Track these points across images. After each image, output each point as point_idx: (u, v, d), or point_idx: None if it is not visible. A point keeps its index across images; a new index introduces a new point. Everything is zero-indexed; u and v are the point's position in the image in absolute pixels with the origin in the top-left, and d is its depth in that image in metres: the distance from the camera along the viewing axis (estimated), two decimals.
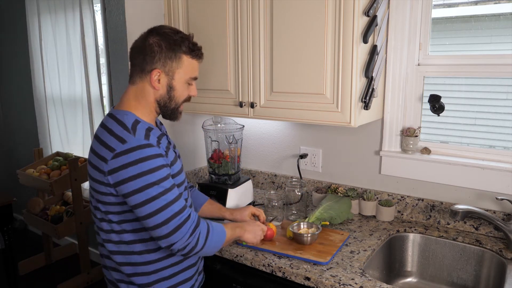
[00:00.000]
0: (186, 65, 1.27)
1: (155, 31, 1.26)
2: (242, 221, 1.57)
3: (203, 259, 1.50)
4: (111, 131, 1.19)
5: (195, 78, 1.32)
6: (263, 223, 1.60)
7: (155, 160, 1.16)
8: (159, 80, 1.25)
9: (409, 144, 1.76)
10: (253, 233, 1.46)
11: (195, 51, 1.28)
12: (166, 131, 1.44)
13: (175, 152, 1.36)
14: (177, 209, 1.18)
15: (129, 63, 1.30)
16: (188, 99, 1.34)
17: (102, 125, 1.24)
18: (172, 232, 1.17)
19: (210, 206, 1.64)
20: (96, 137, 1.23)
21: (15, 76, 3.73)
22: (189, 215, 1.21)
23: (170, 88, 1.27)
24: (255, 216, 1.62)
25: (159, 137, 1.25)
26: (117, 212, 1.22)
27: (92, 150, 1.24)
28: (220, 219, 1.63)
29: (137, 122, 1.22)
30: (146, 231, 1.24)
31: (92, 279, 2.93)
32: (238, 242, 1.58)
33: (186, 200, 1.34)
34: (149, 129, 1.23)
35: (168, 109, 1.30)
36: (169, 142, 1.34)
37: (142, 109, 1.27)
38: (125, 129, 1.18)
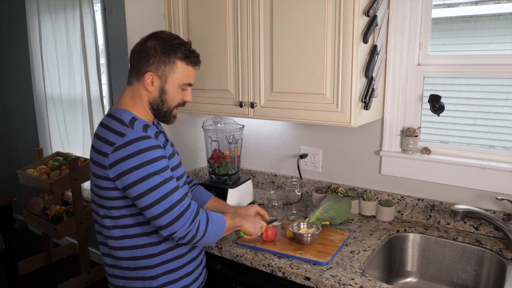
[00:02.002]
0: (180, 71, 1.29)
1: (154, 35, 1.30)
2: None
3: (205, 254, 1.50)
4: (110, 128, 1.23)
5: (190, 84, 1.34)
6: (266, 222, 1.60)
7: (155, 151, 1.19)
8: (152, 82, 1.28)
9: (409, 144, 1.76)
10: (253, 223, 1.47)
11: (191, 58, 1.30)
12: (163, 130, 1.45)
13: (173, 149, 1.39)
14: (178, 198, 1.20)
15: (129, 64, 1.34)
16: (182, 104, 1.36)
17: (101, 124, 1.27)
18: (174, 221, 1.19)
19: (214, 204, 1.64)
20: (96, 135, 1.26)
21: (15, 76, 3.73)
22: (189, 204, 1.23)
23: (162, 91, 1.29)
24: (260, 215, 1.62)
25: (156, 134, 1.28)
26: (120, 206, 1.24)
27: (93, 147, 1.27)
28: None
29: (134, 119, 1.26)
30: (149, 223, 1.26)
31: (92, 279, 2.93)
32: (238, 242, 1.58)
33: (186, 194, 1.34)
34: (146, 125, 1.26)
35: (161, 112, 1.33)
36: (167, 140, 1.36)
37: (138, 108, 1.31)
38: (124, 124, 1.22)
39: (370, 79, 1.58)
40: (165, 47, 1.26)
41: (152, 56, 1.26)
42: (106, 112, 2.88)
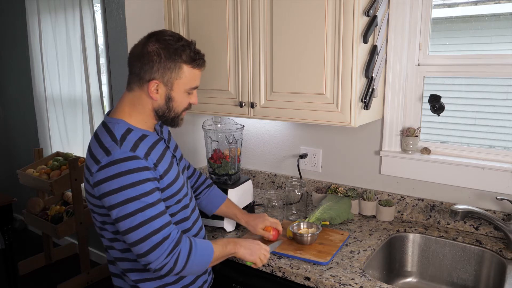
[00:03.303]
0: (187, 75, 1.21)
1: (155, 37, 1.19)
2: (252, 233, 1.55)
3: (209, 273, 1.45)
4: (100, 141, 1.16)
5: (196, 87, 1.27)
6: (277, 234, 1.54)
7: (138, 173, 1.11)
8: (157, 90, 1.19)
9: (409, 144, 1.76)
10: (250, 250, 1.33)
11: (197, 60, 1.22)
12: (169, 133, 1.41)
13: (175, 156, 1.33)
14: (157, 226, 1.12)
15: (128, 68, 1.24)
16: (188, 107, 1.28)
17: (95, 134, 1.21)
18: (150, 251, 1.11)
19: (225, 210, 1.59)
20: (89, 148, 1.20)
21: (15, 76, 3.73)
22: (169, 234, 1.14)
23: (168, 99, 1.21)
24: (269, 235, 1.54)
25: (153, 145, 1.21)
26: (112, 222, 1.20)
27: (85, 162, 1.21)
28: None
29: (128, 131, 1.18)
30: None
31: (92, 279, 2.93)
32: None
33: (186, 206, 1.31)
34: (141, 138, 1.18)
35: (168, 118, 1.25)
36: (168, 147, 1.31)
37: (137, 116, 1.22)
38: (113, 140, 1.14)
39: (370, 79, 1.58)
40: (169, 51, 1.17)
41: (156, 62, 1.16)
42: (106, 112, 2.89)
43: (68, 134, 3.24)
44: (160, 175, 1.19)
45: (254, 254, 1.33)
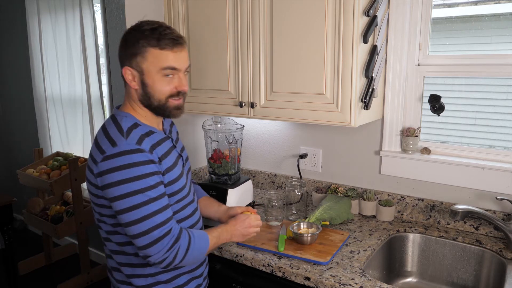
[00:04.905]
0: (154, 57, 1.16)
1: (130, 27, 1.20)
2: (233, 218, 1.43)
3: (207, 265, 1.45)
4: (106, 132, 1.17)
5: (173, 68, 1.18)
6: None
7: (144, 167, 1.11)
8: (134, 78, 1.19)
9: (409, 144, 1.76)
10: (241, 234, 1.37)
11: (162, 41, 1.16)
12: (177, 133, 1.40)
13: (181, 156, 1.32)
14: (159, 221, 1.13)
15: None
16: (174, 93, 1.21)
17: (102, 125, 1.22)
18: (151, 244, 1.12)
19: (202, 204, 1.55)
20: (95, 138, 1.21)
21: (15, 76, 3.73)
22: (171, 229, 1.15)
23: (143, 85, 1.19)
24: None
25: (159, 141, 1.22)
26: (111, 215, 1.20)
27: (90, 152, 1.22)
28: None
29: (135, 125, 1.19)
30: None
31: (92, 279, 2.93)
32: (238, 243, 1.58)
33: (185, 207, 1.30)
34: (147, 134, 1.19)
35: (154, 107, 1.22)
36: (174, 146, 1.30)
37: (139, 111, 1.23)
38: (120, 131, 1.15)
39: (370, 79, 1.58)
40: (135, 36, 1.16)
41: (123, 48, 1.18)
42: (106, 112, 2.89)
43: (68, 134, 3.25)
44: (163, 171, 1.19)
45: (247, 233, 1.38)
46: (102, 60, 2.81)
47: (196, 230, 1.26)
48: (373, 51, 1.58)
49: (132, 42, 1.17)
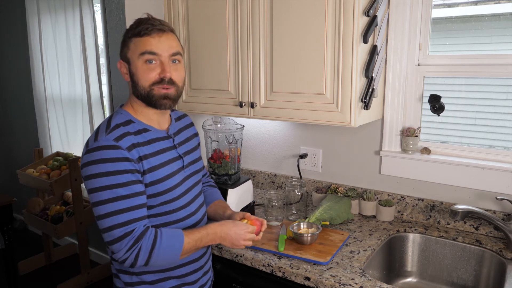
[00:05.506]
0: (134, 45, 1.18)
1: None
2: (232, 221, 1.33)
3: (206, 273, 1.38)
4: (97, 127, 1.20)
5: (152, 53, 1.16)
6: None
7: (117, 163, 1.11)
8: (126, 70, 1.22)
9: (409, 144, 1.76)
10: (230, 241, 1.26)
11: (141, 28, 1.17)
12: (188, 137, 1.38)
13: (181, 158, 1.28)
14: (122, 220, 1.11)
15: None
16: (159, 81, 1.18)
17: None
18: (112, 242, 1.12)
19: (213, 206, 1.50)
20: None
21: (15, 76, 3.73)
22: (133, 230, 1.12)
23: (132, 74, 1.20)
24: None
25: (150, 141, 1.20)
26: None
27: None
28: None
29: (127, 123, 1.19)
30: None
31: (92, 279, 2.93)
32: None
33: (175, 210, 1.24)
34: (138, 132, 1.19)
35: (142, 97, 1.20)
36: (174, 146, 1.28)
37: (137, 107, 1.24)
38: (107, 127, 1.17)
39: (370, 79, 1.58)
40: (127, 30, 1.22)
41: (120, 45, 1.24)
42: (106, 112, 2.90)
43: (68, 134, 3.25)
44: (144, 170, 1.16)
45: (238, 244, 1.27)
46: (102, 60, 2.81)
47: (170, 230, 1.19)
48: (373, 51, 1.58)
49: (123, 36, 1.23)
